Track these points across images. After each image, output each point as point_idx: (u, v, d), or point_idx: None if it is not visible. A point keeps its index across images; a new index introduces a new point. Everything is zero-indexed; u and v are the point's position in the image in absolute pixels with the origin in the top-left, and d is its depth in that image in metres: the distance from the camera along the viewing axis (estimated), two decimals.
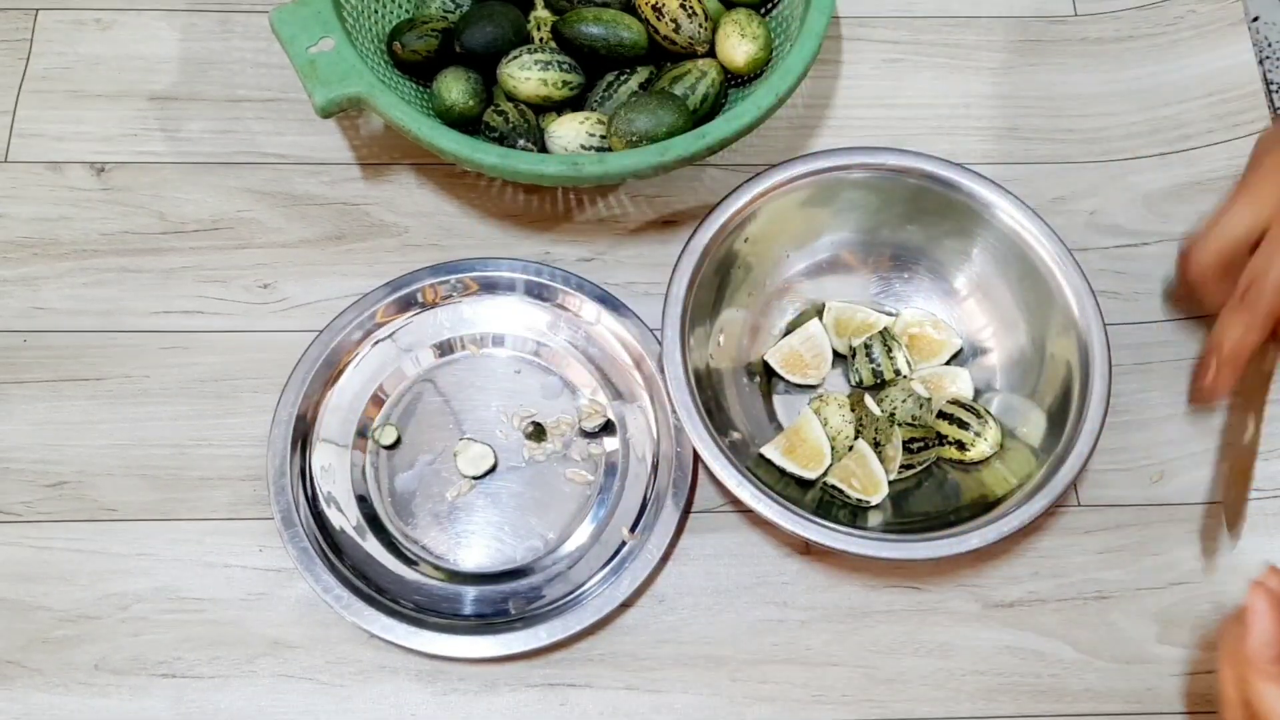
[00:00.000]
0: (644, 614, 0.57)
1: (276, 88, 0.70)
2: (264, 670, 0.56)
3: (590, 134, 0.63)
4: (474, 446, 0.60)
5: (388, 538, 0.58)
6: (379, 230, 0.66)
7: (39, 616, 0.57)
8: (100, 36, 0.71)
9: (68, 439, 0.60)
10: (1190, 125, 0.70)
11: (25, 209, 0.66)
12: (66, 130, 0.68)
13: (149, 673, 0.56)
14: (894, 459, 0.58)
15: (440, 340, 0.63)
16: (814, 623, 0.57)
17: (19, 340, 0.63)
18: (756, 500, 0.53)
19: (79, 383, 0.62)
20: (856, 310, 0.63)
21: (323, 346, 0.61)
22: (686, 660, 0.57)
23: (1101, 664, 0.57)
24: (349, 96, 0.59)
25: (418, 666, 0.56)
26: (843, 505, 0.58)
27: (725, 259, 0.60)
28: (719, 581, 0.58)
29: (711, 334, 0.60)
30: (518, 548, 0.59)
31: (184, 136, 0.68)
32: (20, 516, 0.59)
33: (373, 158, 0.68)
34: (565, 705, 0.56)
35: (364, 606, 0.54)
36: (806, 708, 0.56)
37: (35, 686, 0.55)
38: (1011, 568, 0.59)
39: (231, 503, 0.59)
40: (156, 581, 0.57)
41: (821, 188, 0.61)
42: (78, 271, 0.64)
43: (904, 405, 0.59)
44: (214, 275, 0.65)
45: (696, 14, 0.65)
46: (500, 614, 0.56)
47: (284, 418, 0.59)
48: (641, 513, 0.58)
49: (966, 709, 0.56)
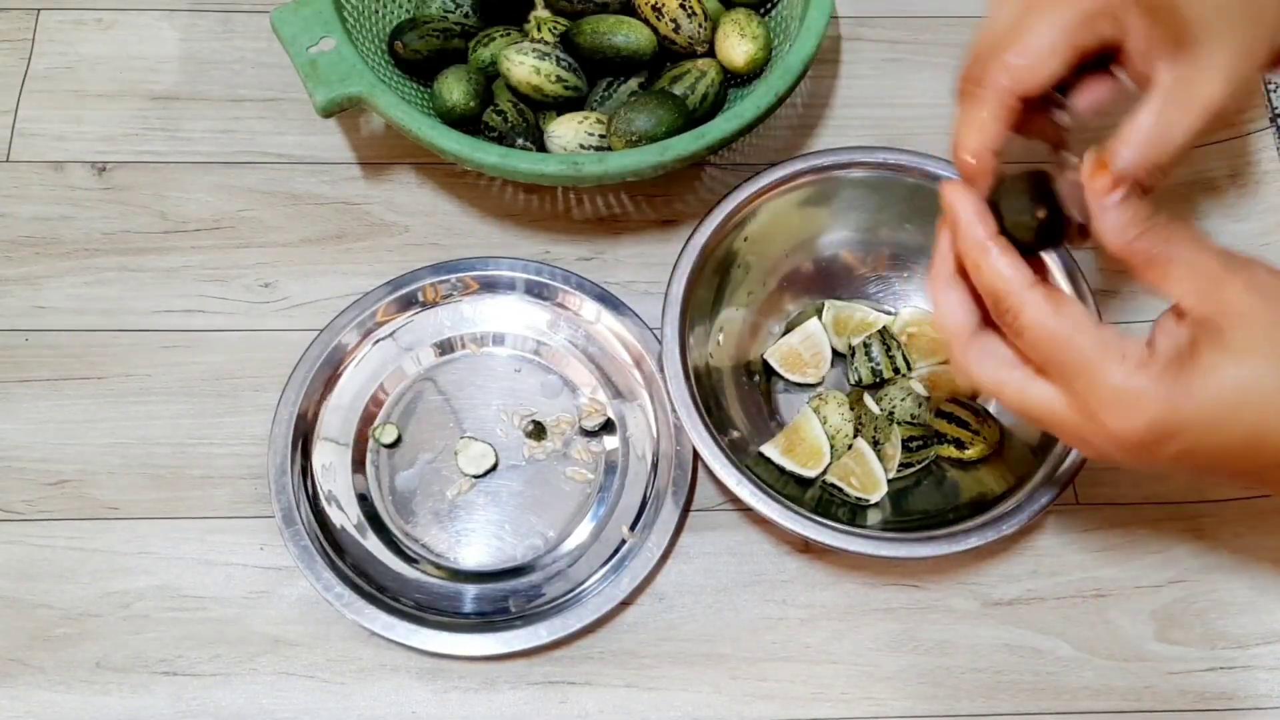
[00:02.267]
0: (644, 612, 0.58)
1: (277, 87, 0.70)
2: (265, 668, 0.56)
3: (590, 133, 0.63)
4: (474, 445, 0.60)
5: (388, 536, 0.59)
6: (380, 229, 0.66)
7: (41, 614, 0.57)
8: (102, 36, 0.71)
9: (69, 437, 0.60)
10: None
11: (27, 208, 0.66)
12: (68, 130, 0.68)
13: (150, 670, 0.56)
14: (893, 457, 0.59)
15: (441, 339, 0.63)
16: (813, 620, 0.58)
17: (21, 339, 0.63)
18: (756, 499, 0.53)
19: (80, 381, 0.62)
20: (855, 309, 0.63)
21: (323, 345, 0.61)
22: (686, 658, 0.57)
23: (1099, 662, 0.57)
24: (350, 96, 0.60)
25: (418, 664, 0.56)
26: (842, 504, 0.58)
27: (725, 258, 0.60)
28: (718, 579, 0.58)
29: (711, 333, 0.60)
30: (518, 546, 0.59)
31: (185, 136, 0.68)
32: (22, 515, 0.59)
33: (373, 157, 0.68)
34: (565, 703, 0.56)
35: (365, 604, 0.55)
36: (806, 705, 0.56)
37: (37, 684, 0.55)
38: (1010, 566, 0.59)
39: (232, 501, 0.59)
40: (158, 579, 0.58)
41: (820, 187, 0.61)
42: (79, 270, 0.64)
43: (903, 404, 0.60)
44: (215, 274, 0.65)
45: (696, 14, 0.65)
46: (500, 612, 0.57)
47: (285, 416, 0.59)
48: (641, 511, 0.59)
49: (965, 707, 0.56)
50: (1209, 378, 0.39)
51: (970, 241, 0.43)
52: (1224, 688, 0.56)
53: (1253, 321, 0.39)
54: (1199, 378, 0.39)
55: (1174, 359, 0.39)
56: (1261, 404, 0.39)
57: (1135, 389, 0.39)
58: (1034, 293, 0.41)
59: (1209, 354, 0.39)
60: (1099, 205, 0.41)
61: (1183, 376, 0.39)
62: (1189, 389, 0.39)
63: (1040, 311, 0.41)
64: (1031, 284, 0.41)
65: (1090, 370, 0.40)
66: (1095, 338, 0.40)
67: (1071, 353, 0.40)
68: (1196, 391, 0.39)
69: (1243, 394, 0.38)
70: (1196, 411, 0.39)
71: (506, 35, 0.67)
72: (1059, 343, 0.41)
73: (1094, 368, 0.40)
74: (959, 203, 0.43)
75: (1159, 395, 0.39)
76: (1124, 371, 0.39)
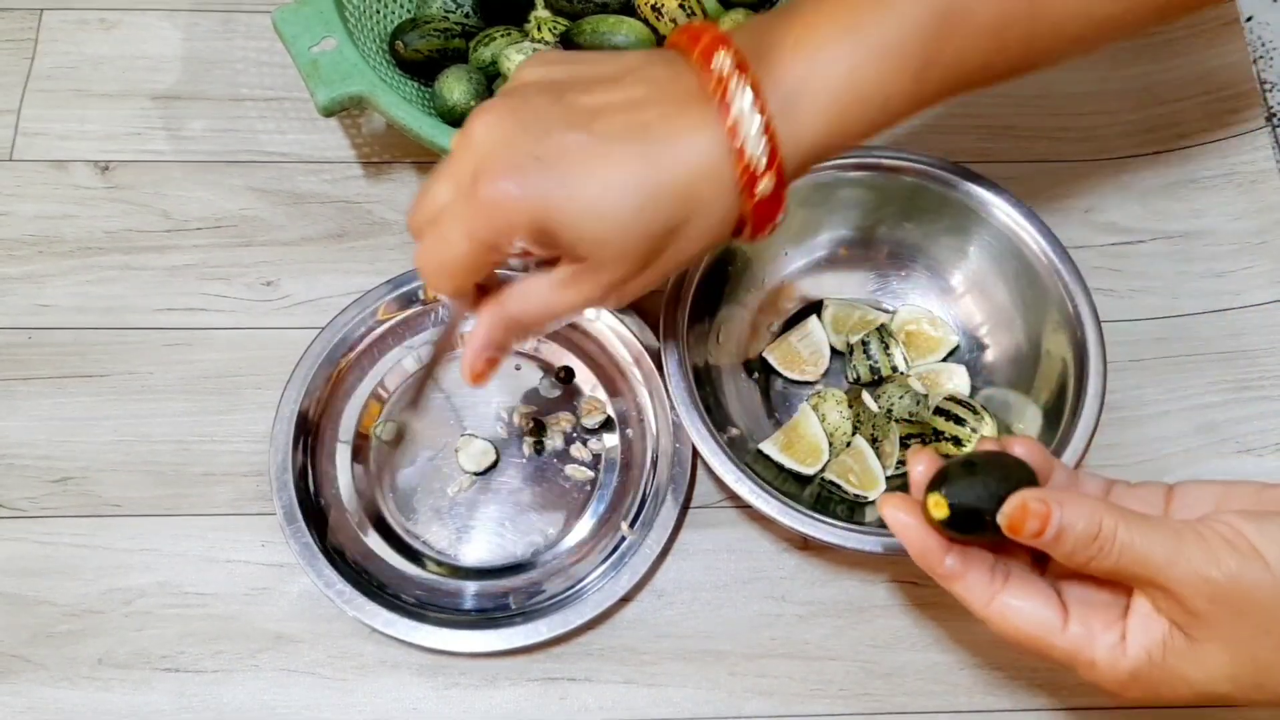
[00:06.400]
0: (643, 609, 0.58)
1: (279, 87, 0.70)
2: (266, 665, 0.56)
3: None
4: (475, 443, 0.60)
5: (389, 533, 0.59)
6: (380, 228, 0.66)
7: (43, 611, 0.57)
8: (104, 36, 0.71)
9: (72, 435, 0.61)
10: (1185, 124, 0.70)
11: (30, 207, 0.66)
12: (71, 129, 0.69)
13: (152, 667, 0.56)
14: (891, 455, 0.59)
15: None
16: (812, 617, 0.58)
17: (24, 337, 0.63)
18: (755, 496, 0.53)
19: (83, 379, 0.62)
20: (854, 307, 0.63)
21: (325, 343, 0.61)
22: (685, 654, 0.57)
23: None
24: (351, 96, 0.60)
25: (419, 661, 0.56)
26: (840, 500, 0.58)
27: (724, 256, 0.60)
28: (718, 576, 0.59)
29: (710, 331, 0.60)
30: (518, 543, 0.59)
31: (187, 135, 0.69)
32: (25, 512, 0.59)
33: (374, 156, 0.69)
34: (565, 699, 0.56)
35: (366, 601, 0.55)
36: (804, 702, 0.56)
37: (39, 681, 0.56)
38: None
39: (234, 499, 0.60)
40: (159, 576, 0.58)
41: (819, 186, 0.61)
42: (82, 269, 0.65)
43: (901, 401, 0.60)
44: (217, 273, 0.65)
45: (695, 14, 0.65)
46: (501, 609, 0.57)
47: (286, 414, 0.59)
48: (641, 508, 0.59)
49: (964, 703, 0.56)
50: (1177, 685, 0.40)
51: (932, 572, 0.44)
52: None
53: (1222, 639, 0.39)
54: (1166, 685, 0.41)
55: (1144, 661, 0.41)
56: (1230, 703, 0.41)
57: (1109, 687, 0.42)
58: (991, 610, 0.42)
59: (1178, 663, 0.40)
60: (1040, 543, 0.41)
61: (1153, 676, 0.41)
62: (1157, 688, 0.41)
63: (1003, 630, 0.43)
64: (986, 602, 0.42)
65: (1068, 665, 0.42)
66: (1062, 649, 0.42)
67: (1047, 655, 0.42)
68: (1165, 692, 0.41)
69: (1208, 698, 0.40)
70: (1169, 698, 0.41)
71: (507, 35, 0.67)
72: (1031, 648, 0.42)
73: (1071, 666, 0.42)
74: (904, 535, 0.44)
75: (1132, 692, 0.41)
76: (1094, 675, 0.42)
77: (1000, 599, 0.42)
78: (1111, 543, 0.39)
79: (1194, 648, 0.40)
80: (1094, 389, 0.56)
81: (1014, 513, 0.41)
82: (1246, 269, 0.66)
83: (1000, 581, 0.43)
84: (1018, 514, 0.40)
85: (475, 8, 0.69)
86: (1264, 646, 0.39)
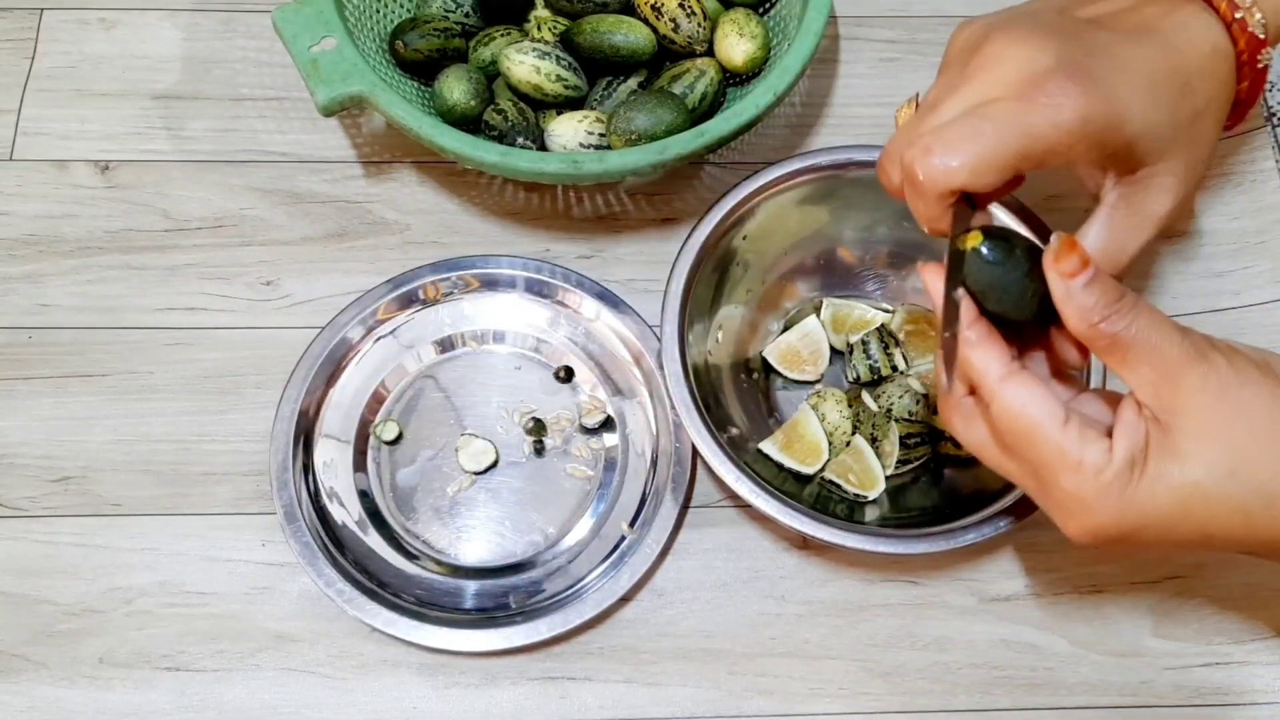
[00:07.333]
0: (643, 608, 0.58)
1: (279, 87, 0.70)
2: (267, 664, 0.56)
3: (589, 132, 0.63)
4: (475, 442, 0.60)
5: (389, 532, 0.59)
6: (380, 228, 0.67)
7: (44, 610, 0.57)
8: (104, 36, 0.72)
9: (72, 435, 0.61)
10: None
11: (30, 207, 0.66)
12: (71, 129, 0.69)
13: (152, 666, 0.56)
14: (891, 454, 0.59)
15: (441, 337, 0.63)
16: (811, 617, 0.58)
17: (24, 337, 0.63)
18: (754, 495, 0.53)
19: (83, 379, 0.62)
20: (854, 307, 0.63)
21: (325, 343, 0.61)
22: (685, 654, 0.57)
23: (1096, 657, 0.57)
24: (351, 95, 0.60)
25: (419, 660, 0.56)
26: (840, 500, 0.58)
27: (724, 256, 0.61)
28: (717, 576, 0.59)
29: (710, 330, 0.60)
30: (518, 542, 0.59)
31: (187, 135, 0.69)
32: (25, 511, 0.59)
33: (374, 156, 0.69)
34: (565, 698, 0.56)
35: (366, 600, 0.55)
36: (804, 701, 0.56)
37: (40, 680, 0.56)
38: (1007, 562, 0.59)
39: (234, 498, 0.60)
40: (160, 576, 0.58)
41: (819, 185, 0.61)
42: (82, 269, 0.65)
43: (901, 401, 0.60)
44: (217, 272, 0.65)
45: (695, 13, 0.65)
46: (501, 608, 0.57)
47: (286, 414, 0.59)
48: (641, 508, 0.59)
49: (962, 702, 0.56)
50: (1155, 486, 0.41)
51: (961, 338, 0.44)
52: (1220, 683, 0.57)
53: (1201, 424, 0.41)
54: (1145, 488, 0.41)
55: (1126, 465, 0.41)
56: (1206, 508, 0.41)
57: (1087, 498, 0.42)
58: (1004, 385, 0.43)
59: (1156, 461, 0.41)
60: (1065, 286, 0.42)
61: (1131, 485, 0.41)
62: (1135, 499, 0.41)
63: (1006, 409, 0.43)
64: (1003, 376, 0.43)
65: (1048, 472, 0.42)
66: (1054, 443, 0.42)
67: (1032, 452, 0.43)
68: (1143, 501, 0.41)
69: (1186, 502, 0.41)
70: (1141, 518, 0.41)
71: (507, 35, 0.67)
72: (1021, 440, 0.43)
73: (1051, 470, 0.42)
74: (936, 291, 0.45)
75: (1107, 507, 0.41)
76: (1077, 480, 0.42)
77: (1015, 378, 0.43)
78: (1132, 306, 0.41)
79: (1172, 439, 0.41)
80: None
81: (1065, 241, 0.42)
82: (1246, 269, 0.66)
83: (1018, 366, 0.43)
84: (1067, 243, 0.41)
85: (475, 7, 0.69)
86: (1240, 429, 0.41)
